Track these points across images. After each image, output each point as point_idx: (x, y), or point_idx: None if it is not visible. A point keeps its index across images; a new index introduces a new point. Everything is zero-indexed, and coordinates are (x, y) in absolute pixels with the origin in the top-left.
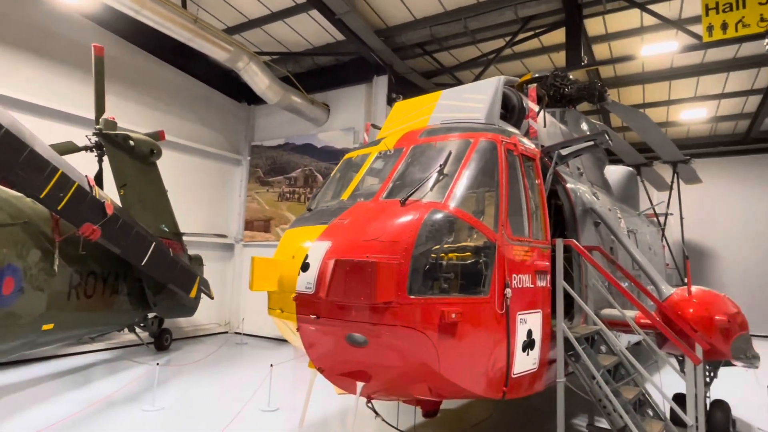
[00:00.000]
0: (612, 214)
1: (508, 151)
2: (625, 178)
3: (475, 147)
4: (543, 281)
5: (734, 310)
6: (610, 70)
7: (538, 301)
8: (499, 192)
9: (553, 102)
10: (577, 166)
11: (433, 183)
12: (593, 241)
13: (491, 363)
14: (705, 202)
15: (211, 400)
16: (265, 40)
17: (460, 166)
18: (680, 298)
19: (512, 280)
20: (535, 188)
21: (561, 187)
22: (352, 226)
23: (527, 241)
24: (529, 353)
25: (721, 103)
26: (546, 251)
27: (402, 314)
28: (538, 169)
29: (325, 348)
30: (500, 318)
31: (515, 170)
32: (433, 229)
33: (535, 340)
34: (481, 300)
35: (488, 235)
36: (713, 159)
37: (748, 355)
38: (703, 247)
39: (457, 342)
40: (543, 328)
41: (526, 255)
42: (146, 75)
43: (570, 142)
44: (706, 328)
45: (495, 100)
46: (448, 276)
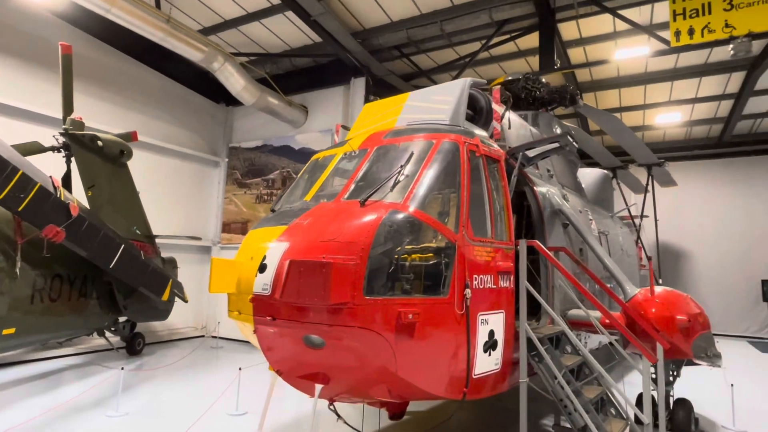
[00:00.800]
0: (582, 216)
1: (471, 152)
2: (600, 181)
3: (437, 148)
4: (506, 282)
5: (696, 310)
6: (587, 74)
7: (500, 302)
8: (460, 193)
9: (526, 105)
10: (547, 168)
11: (394, 184)
12: (561, 243)
13: (451, 364)
14: (680, 205)
15: (177, 404)
16: (242, 41)
17: (422, 166)
18: (643, 298)
19: (473, 280)
20: (499, 189)
21: (529, 189)
22: (311, 226)
23: (489, 242)
24: (491, 354)
25: (695, 107)
26: (510, 252)
27: (358, 315)
28: (502, 170)
29: (283, 350)
30: (460, 319)
31: (478, 171)
32: (391, 230)
33: (497, 340)
34: (440, 301)
35: (448, 236)
36: (688, 162)
37: (709, 354)
38: (678, 248)
39: (415, 343)
40: (506, 328)
41: (488, 256)
42: (120, 75)
43: (534, 143)
44: (668, 328)
45: (461, 102)
46: (406, 277)
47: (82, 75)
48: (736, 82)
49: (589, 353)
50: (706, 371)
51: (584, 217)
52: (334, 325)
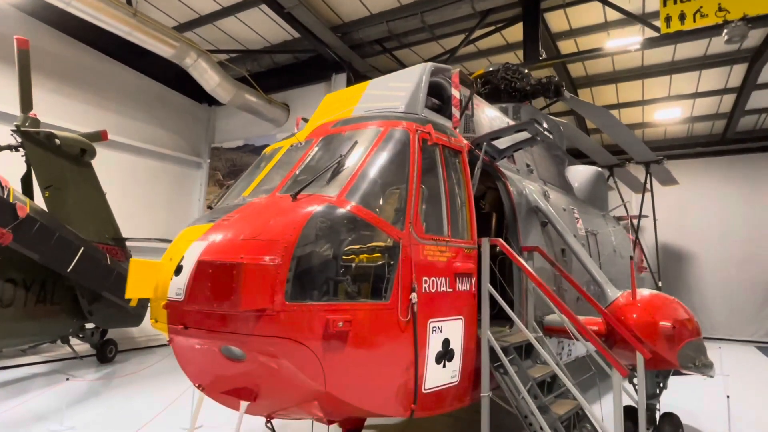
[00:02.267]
0: (567, 214)
1: (424, 141)
2: (592, 178)
3: (383, 136)
4: (466, 285)
5: (684, 315)
6: (581, 69)
7: (459, 307)
8: (408, 186)
9: (507, 97)
10: (526, 163)
11: (331, 176)
12: (538, 242)
13: (393, 378)
14: (683, 204)
15: (130, 417)
16: (220, 38)
17: (364, 157)
18: (625, 302)
19: (422, 283)
20: (461, 183)
21: (501, 184)
22: (235, 224)
23: (444, 241)
24: (446, 365)
25: (696, 102)
26: (471, 252)
27: (278, 323)
28: (464, 162)
29: (200, 363)
30: (405, 326)
31: (432, 163)
32: (322, 227)
33: (454, 350)
34: (379, 306)
35: (390, 234)
36: (691, 160)
37: (698, 364)
38: (680, 250)
39: (347, 355)
40: (466, 337)
41: (442, 256)
42: (95, 74)
43: (498, 132)
44: (650, 335)
45: (419, 89)
46: (338, 279)
47: (54, 73)
48: (738, 75)
49: (556, 365)
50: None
51: (569, 215)
52: (251, 334)
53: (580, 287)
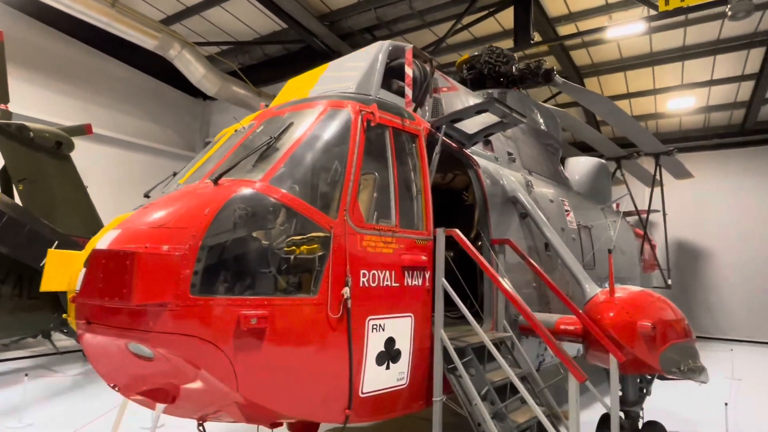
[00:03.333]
0: (555, 206)
1: (368, 122)
2: (593, 170)
3: (321, 117)
4: (418, 279)
5: (669, 315)
6: (586, 57)
7: (407, 304)
8: (345, 170)
9: (493, 82)
10: (508, 151)
11: (258, 159)
12: (515, 235)
13: (321, 380)
14: (699, 199)
15: (93, 415)
16: (208, 29)
17: (297, 139)
18: (602, 300)
19: (359, 277)
20: (416, 169)
21: (473, 172)
22: (149, 211)
23: (391, 231)
24: (390, 366)
25: (712, 90)
26: (425, 243)
27: (181, 319)
28: (421, 147)
29: (110, 361)
30: (336, 323)
31: (380, 146)
32: (239, 213)
33: (400, 350)
34: (304, 302)
35: (320, 222)
36: (708, 152)
37: (684, 369)
38: (696, 247)
39: (264, 354)
40: (417, 336)
41: (387, 247)
42: (85, 68)
43: (457, 114)
44: (627, 336)
45: (373, 68)
46: (254, 271)
47: (41, 68)
48: (756, 59)
49: (511, 371)
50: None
51: (557, 207)
52: (152, 331)
53: (551, 283)
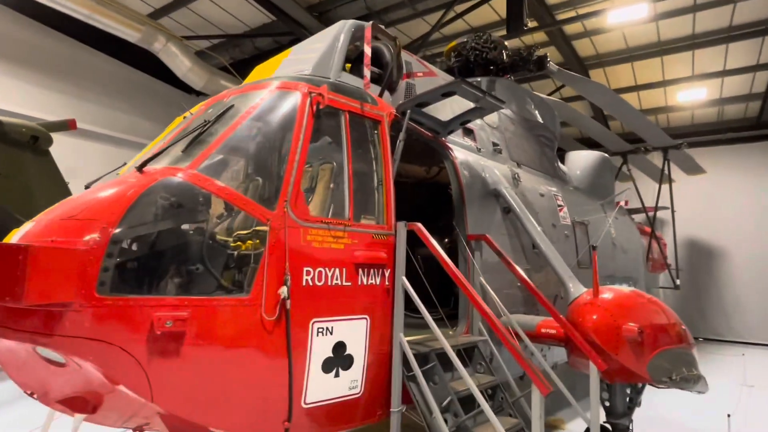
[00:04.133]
0: (546, 200)
1: (318, 105)
2: (594, 165)
3: (263, 99)
4: (375, 278)
5: (660, 319)
6: (590, 47)
7: (362, 305)
8: (288, 158)
9: (482, 70)
10: (493, 142)
11: (189, 145)
12: (497, 230)
13: (254, 389)
14: (713, 195)
15: None
16: (197, 23)
17: (234, 122)
18: (586, 301)
19: (301, 275)
20: (377, 157)
21: (449, 163)
22: (69, 202)
23: (342, 225)
24: (339, 374)
25: (725, 81)
26: (385, 239)
27: (87, 321)
28: (384, 133)
29: (21, 366)
30: (272, 326)
31: (334, 131)
32: (159, 203)
33: (352, 356)
34: (231, 302)
35: (254, 214)
36: (722, 147)
37: (675, 378)
38: (710, 245)
39: (183, 361)
40: (374, 340)
41: (337, 242)
42: (74, 64)
43: (422, 97)
44: (610, 341)
45: (332, 49)
46: (175, 268)
47: (30, 63)
48: None
49: (473, 380)
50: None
51: (548, 202)
52: (56, 335)
53: (529, 282)
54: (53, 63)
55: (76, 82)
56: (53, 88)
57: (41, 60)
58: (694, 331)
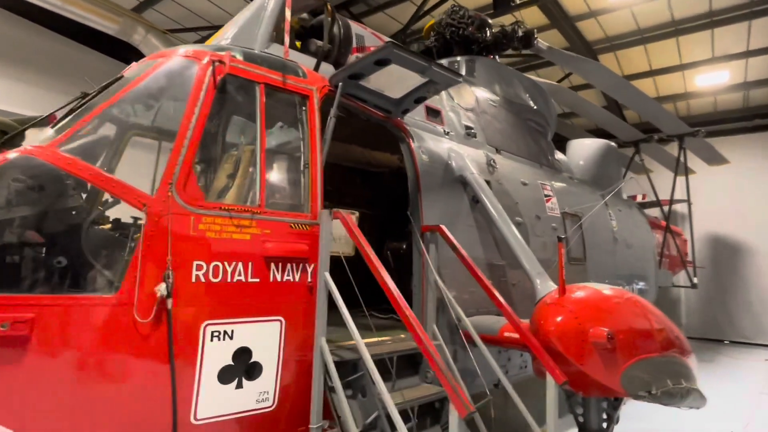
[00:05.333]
0: (530, 190)
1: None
2: (598, 153)
3: (154, 69)
4: (292, 273)
5: (639, 322)
6: (598, 30)
7: (273, 304)
8: (179, 134)
9: (462, 48)
10: (465, 125)
11: (62, 121)
12: (465, 222)
13: (125, 404)
14: (739, 187)
15: None
16: (183, 15)
17: (114, 95)
18: (552, 301)
19: (190, 270)
20: (305, 137)
21: (405, 146)
22: None
23: (249, 212)
24: (243, 384)
25: (749, 63)
26: (307, 229)
27: None
28: (312, 110)
29: None
30: (148, 330)
31: (245, 105)
32: (7, 186)
33: (260, 364)
34: (95, 301)
35: (127, 198)
36: (748, 135)
37: (655, 392)
38: (736, 241)
39: (27, 371)
40: (290, 345)
41: (241, 233)
42: (62, 60)
43: (353, 67)
44: (574, 348)
45: (257, 17)
46: (20, 260)
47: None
48: None
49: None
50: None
51: (532, 191)
52: None
53: (482, 279)
54: (34, 57)
55: (64, 78)
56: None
57: (22, 54)
58: (719, 334)
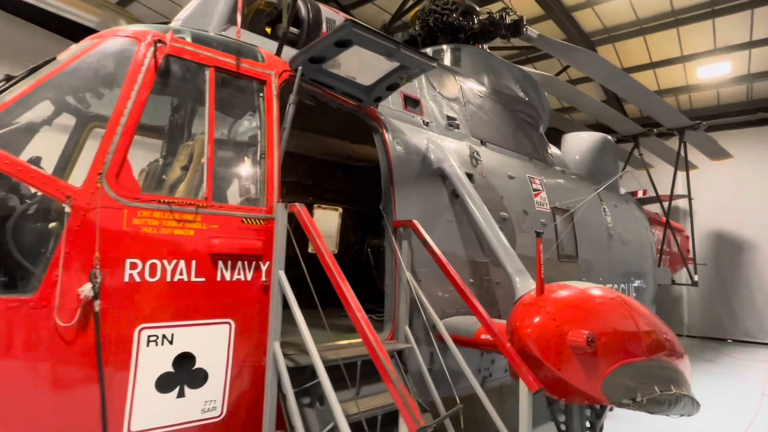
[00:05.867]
0: (517, 183)
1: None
2: (594, 147)
3: (88, 50)
4: (244, 272)
5: (623, 324)
6: (595, 20)
7: (221, 306)
8: (112, 117)
9: (447, 37)
10: (447, 115)
11: None
12: (445, 217)
13: (46, 417)
14: (743, 183)
15: None
16: (170, 9)
17: (41, 77)
18: (528, 301)
19: (122, 269)
20: (261, 126)
21: (378, 136)
22: None
23: (193, 205)
24: (186, 393)
25: (753, 54)
26: (261, 224)
27: None
28: (269, 96)
29: None
30: (72, 334)
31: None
32: None
33: (206, 371)
34: (6, 303)
35: (47, 190)
36: (753, 129)
37: (640, 399)
38: (739, 238)
39: None
40: (241, 350)
41: (182, 227)
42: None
43: (312, 49)
44: (551, 351)
45: None
46: None
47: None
48: None
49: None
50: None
51: (519, 185)
52: None
53: (453, 277)
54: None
55: None
56: None
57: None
58: (722, 333)
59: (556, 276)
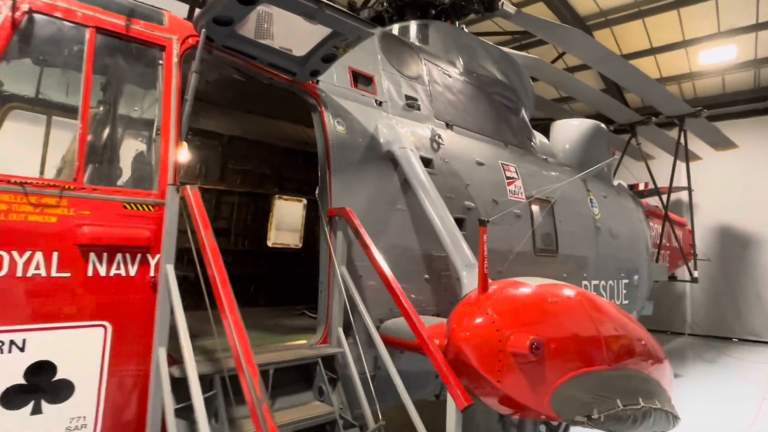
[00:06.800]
0: (486, 170)
1: (33, 13)
2: (584, 134)
3: None
4: (125, 266)
5: (579, 327)
6: (590, 3)
7: (93, 306)
8: None
9: (416, 12)
10: (407, 95)
11: None
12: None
13: None
14: (750, 174)
15: None
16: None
17: None
18: (467, 301)
19: None
20: (158, 96)
21: (317, 116)
22: None
23: (58, 187)
24: (43, 409)
25: (759, 37)
26: (150, 210)
27: None
28: (168, 64)
29: None
30: None
31: (66, 55)
32: None
33: (71, 382)
34: None
35: None
36: (760, 118)
37: (597, 416)
38: (745, 233)
39: None
40: (121, 357)
41: (39, 213)
42: None
43: (212, 8)
44: (489, 360)
45: None
46: None
47: None
48: None
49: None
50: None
51: (488, 173)
52: None
53: (384, 272)
54: None
55: None
56: None
57: None
58: (727, 331)
59: (531, 272)
